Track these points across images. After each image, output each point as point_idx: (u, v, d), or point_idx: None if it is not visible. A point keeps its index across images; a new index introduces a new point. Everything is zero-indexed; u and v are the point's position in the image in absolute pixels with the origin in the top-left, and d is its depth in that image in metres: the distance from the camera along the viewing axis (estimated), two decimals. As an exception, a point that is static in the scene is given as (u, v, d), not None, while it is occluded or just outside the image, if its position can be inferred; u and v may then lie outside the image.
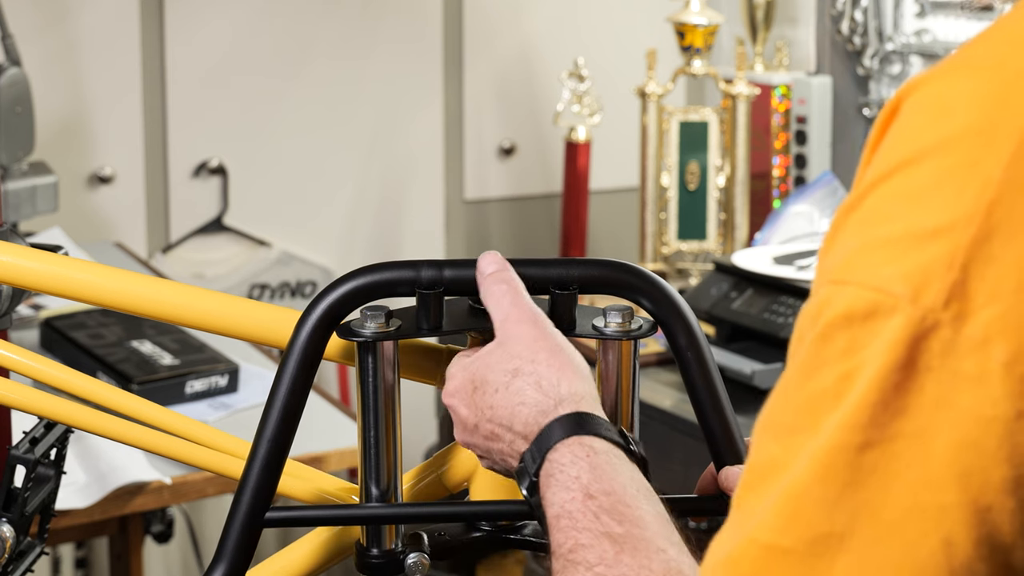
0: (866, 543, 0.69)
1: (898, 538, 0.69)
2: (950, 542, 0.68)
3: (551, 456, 0.94)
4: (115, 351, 2.50)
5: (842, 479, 0.69)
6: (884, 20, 3.18)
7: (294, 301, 3.53)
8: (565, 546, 0.90)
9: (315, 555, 1.18)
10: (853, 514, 0.69)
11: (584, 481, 0.92)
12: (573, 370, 0.98)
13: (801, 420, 0.72)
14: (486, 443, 1.00)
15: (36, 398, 1.25)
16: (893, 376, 0.69)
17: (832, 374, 0.71)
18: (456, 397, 1.02)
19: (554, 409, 0.96)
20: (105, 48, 3.33)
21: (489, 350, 1.01)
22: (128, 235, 3.40)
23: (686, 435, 2.47)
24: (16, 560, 1.36)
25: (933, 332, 0.69)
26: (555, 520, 0.91)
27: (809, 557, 0.70)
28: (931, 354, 0.69)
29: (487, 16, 3.63)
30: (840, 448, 0.70)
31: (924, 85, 0.75)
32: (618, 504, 0.90)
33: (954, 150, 0.71)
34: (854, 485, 0.69)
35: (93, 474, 2.19)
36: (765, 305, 2.64)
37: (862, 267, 0.71)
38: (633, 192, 3.45)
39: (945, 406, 0.69)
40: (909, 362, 0.69)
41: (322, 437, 2.35)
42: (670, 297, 1.07)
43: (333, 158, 3.56)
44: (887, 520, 0.69)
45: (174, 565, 3.39)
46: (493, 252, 1.05)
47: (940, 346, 0.69)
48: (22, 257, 1.19)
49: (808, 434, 0.71)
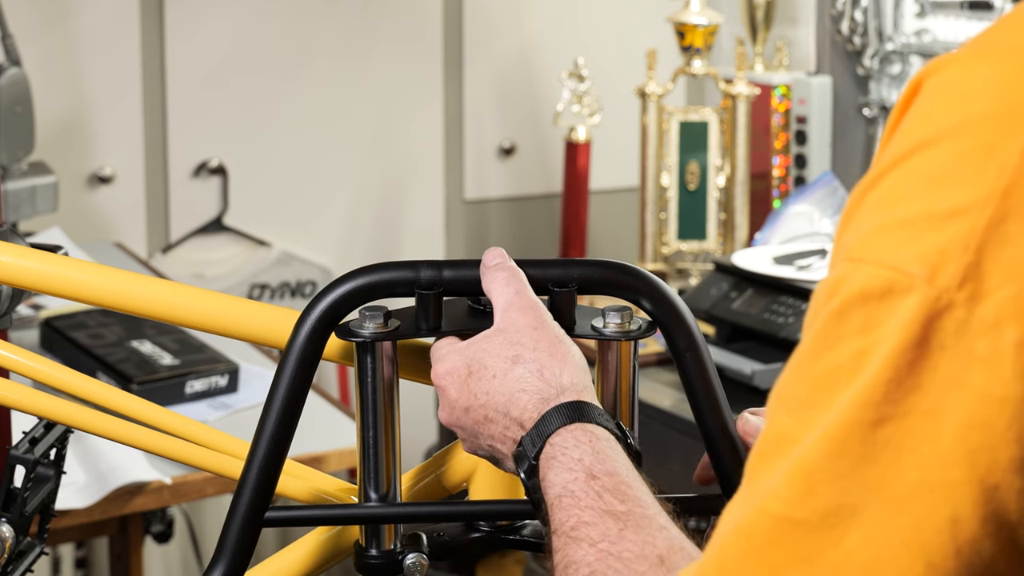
0: (877, 516, 0.70)
1: (907, 513, 0.70)
2: (957, 519, 0.70)
3: (553, 440, 0.95)
4: (115, 351, 2.50)
5: (856, 453, 0.71)
6: (884, 20, 3.18)
7: (294, 301, 3.53)
8: (567, 524, 0.90)
9: (314, 555, 1.18)
10: (865, 488, 0.70)
11: (587, 463, 0.93)
12: (573, 362, 0.99)
13: (816, 395, 0.73)
14: (475, 426, 1.01)
15: (36, 398, 1.25)
16: (907, 354, 0.70)
17: (848, 350, 0.72)
18: (447, 379, 1.02)
19: (556, 397, 0.97)
20: (105, 48, 3.33)
21: (487, 335, 1.01)
22: (128, 235, 3.40)
23: (685, 435, 2.47)
24: (16, 560, 1.36)
25: (947, 312, 0.70)
26: (557, 500, 0.92)
27: (822, 528, 0.71)
28: (945, 333, 0.70)
29: (487, 16, 3.63)
30: (854, 423, 0.71)
31: (944, 68, 0.76)
32: (620, 484, 0.91)
33: (972, 134, 0.72)
34: (867, 460, 0.70)
35: (93, 474, 2.19)
36: (765, 305, 2.64)
37: (879, 246, 0.72)
38: (633, 192, 3.45)
39: (957, 385, 0.70)
40: (923, 340, 0.70)
41: (321, 437, 2.35)
42: (669, 298, 1.07)
43: (333, 158, 3.56)
44: (897, 495, 0.70)
45: (174, 565, 3.39)
46: (498, 248, 1.06)
47: (954, 326, 0.70)
48: (22, 257, 1.19)
49: (822, 409, 0.72)
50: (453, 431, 1.05)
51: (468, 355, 1.01)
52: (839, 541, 0.71)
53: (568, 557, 0.89)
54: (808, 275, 2.62)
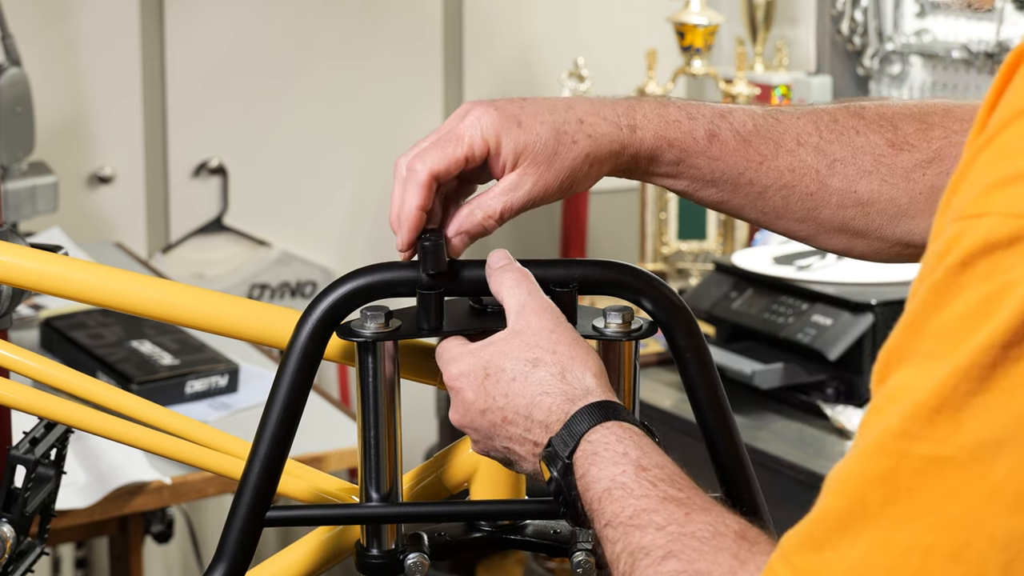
0: (1021, 447, 0.71)
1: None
2: None
3: (590, 437, 0.95)
4: (115, 351, 2.50)
5: (1001, 388, 0.71)
6: (884, 20, 3.18)
7: (294, 301, 3.53)
8: (623, 514, 0.90)
9: (315, 555, 1.18)
10: (1010, 420, 0.71)
11: (633, 456, 0.93)
12: (593, 363, 1.00)
13: (941, 345, 0.73)
14: (491, 428, 1.01)
15: (36, 398, 1.25)
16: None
17: (973, 297, 0.72)
18: (462, 380, 1.02)
19: (583, 397, 0.97)
20: (105, 48, 3.33)
21: (504, 338, 1.01)
22: (128, 235, 3.40)
23: (686, 435, 2.47)
24: (16, 560, 1.36)
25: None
26: (606, 493, 0.92)
27: (971, 463, 0.71)
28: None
29: (487, 16, 3.64)
30: (996, 360, 0.71)
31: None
32: (673, 475, 0.91)
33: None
34: (1012, 393, 0.71)
35: (93, 474, 2.19)
36: (765, 305, 2.64)
37: (1000, 199, 0.72)
38: (633, 192, 3.45)
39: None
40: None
41: (322, 437, 2.35)
42: (670, 298, 1.07)
43: (333, 158, 3.56)
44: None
45: (174, 565, 3.39)
46: (502, 249, 1.06)
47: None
48: (22, 257, 1.19)
49: (948, 357, 0.72)
50: (459, 431, 1.05)
51: (484, 357, 1.01)
52: (986, 474, 0.71)
53: (633, 544, 0.88)
54: (808, 275, 2.62)
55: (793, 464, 2.39)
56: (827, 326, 2.52)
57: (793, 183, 1.14)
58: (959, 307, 0.73)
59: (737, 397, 2.52)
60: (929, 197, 1.15)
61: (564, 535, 1.12)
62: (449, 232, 1.08)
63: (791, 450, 2.43)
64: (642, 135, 1.11)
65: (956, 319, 0.73)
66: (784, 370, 2.55)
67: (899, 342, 0.76)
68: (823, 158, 1.14)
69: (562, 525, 1.13)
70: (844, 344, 2.49)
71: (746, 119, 1.14)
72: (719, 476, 1.09)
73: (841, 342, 2.50)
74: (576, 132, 1.08)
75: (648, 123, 1.11)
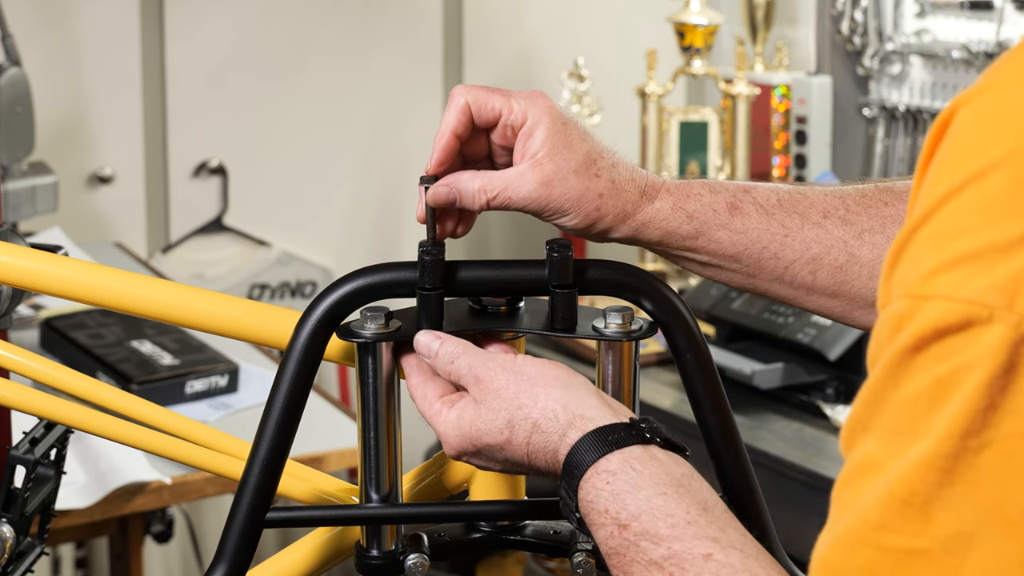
0: (992, 540, 0.71)
1: (1022, 534, 0.71)
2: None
3: (580, 495, 0.95)
4: (115, 351, 2.50)
5: (966, 480, 0.72)
6: (884, 20, 3.18)
7: (294, 301, 3.53)
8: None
9: (315, 556, 1.18)
10: (978, 513, 0.72)
11: (612, 512, 0.93)
12: (555, 387, 0.99)
13: (900, 423, 0.74)
14: (513, 469, 1.02)
15: (36, 398, 1.25)
16: (999, 380, 0.71)
17: (926, 380, 0.73)
18: (465, 454, 1.02)
19: (561, 440, 0.97)
20: (105, 48, 3.33)
21: (474, 410, 1.01)
22: (128, 235, 3.40)
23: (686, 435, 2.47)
24: (16, 560, 1.36)
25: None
26: (607, 559, 0.93)
27: (943, 556, 0.72)
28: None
29: (487, 16, 3.64)
30: (959, 451, 0.72)
31: (976, 98, 0.76)
32: (647, 525, 0.91)
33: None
34: (977, 485, 0.72)
35: (93, 474, 2.19)
36: (765, 305, 2.64)
37: (947, 282, 0.72)
38: (633, 192, 3.45)
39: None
40: (1012, 366, 0.71)
41: (322, 437, 2.35)
42: (669, 298, 1.07)
43: (333, 158, 3.56)
44: (1010, 517, 0.71)
45: (174, 565, 3.39)
46: (425, 334, 1.05)
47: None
48: (22, 257, 1.19)
49: (909, 436, 0.73)
50: None
51: (467, 435, 1.01)
52: (960, 567, 0.72)
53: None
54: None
55: (793, 464, 2.39)
56: (827, 326, 2.52)
57: (820, 255, 1.12)
58: (914, 387, 0.73)
59: (737, 397, 2.52)
60: None
61: (564, 535, 1.13)
62: (443, 180, 1.09)
63: (791, 450, 2.43)
64: (660, 205, 1.11)
65: (913, 399, 0.73)
66: (784, 370, 2.56)
67: (862, 415, 0.76)
68: (851, 229, 1.13)
69: (562, 525, 1.13)
70: (844, 344, 2.49)
71: (769, 193, 1.13)
72: (719, 476, 1.09)
73: (841, 342, 2.50)
74: (602, 169, 1.09)
75: (668, 193, 1.11)
